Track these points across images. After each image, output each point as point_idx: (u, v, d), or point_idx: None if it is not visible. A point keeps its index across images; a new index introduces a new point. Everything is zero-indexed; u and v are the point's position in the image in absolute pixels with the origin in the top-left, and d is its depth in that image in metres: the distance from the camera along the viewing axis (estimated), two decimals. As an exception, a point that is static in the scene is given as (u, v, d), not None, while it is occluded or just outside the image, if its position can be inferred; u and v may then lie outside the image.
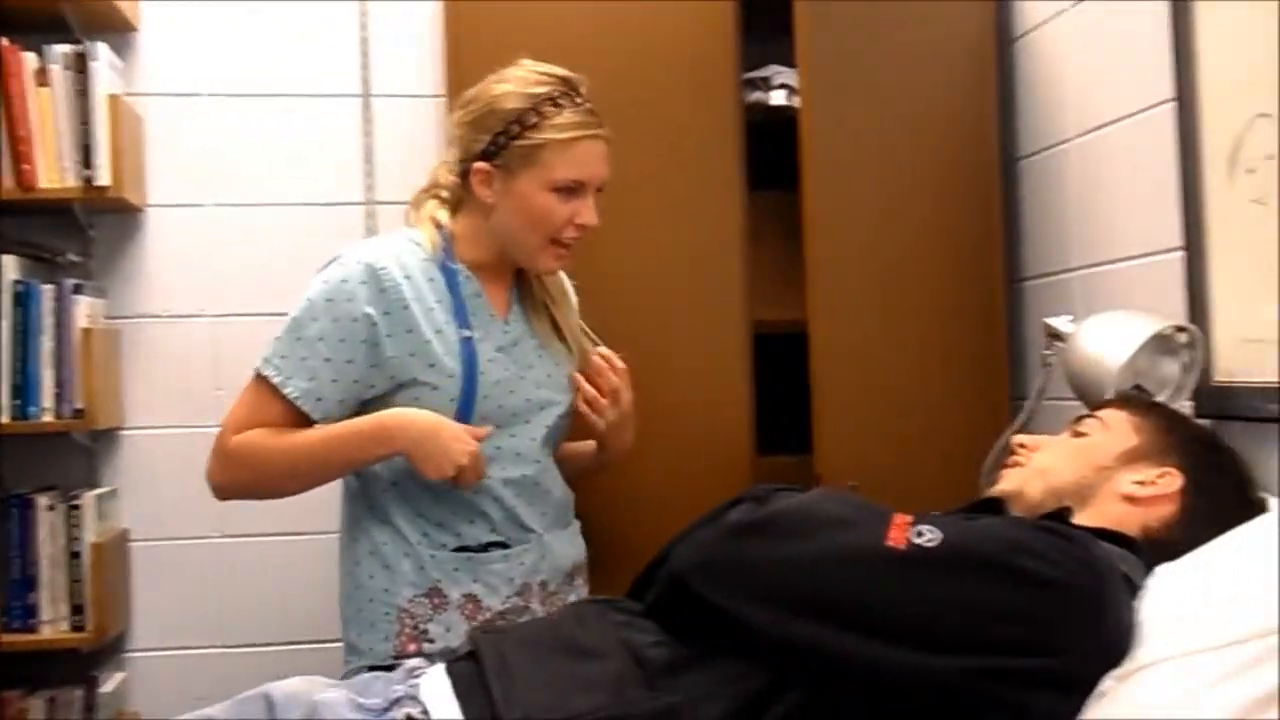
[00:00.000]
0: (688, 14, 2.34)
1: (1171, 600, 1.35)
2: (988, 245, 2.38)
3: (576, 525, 2.08)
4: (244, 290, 2.71)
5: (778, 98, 2.49)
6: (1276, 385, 1.72)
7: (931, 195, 2.36)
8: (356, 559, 1.94)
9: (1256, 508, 1.55)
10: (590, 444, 2.11)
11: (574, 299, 2.10)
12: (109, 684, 2.54)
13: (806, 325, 2.25)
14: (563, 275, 2.08)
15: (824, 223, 2.26)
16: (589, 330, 2.08)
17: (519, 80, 1.89)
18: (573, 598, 1.99)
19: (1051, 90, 2.37)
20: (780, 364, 2.36)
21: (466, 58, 2.27)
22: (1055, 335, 1.98)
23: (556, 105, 1.86)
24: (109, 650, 2.61)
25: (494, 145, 1.87)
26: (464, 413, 1.89)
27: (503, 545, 1.93)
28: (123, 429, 2.68)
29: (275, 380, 1.86)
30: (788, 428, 2.36)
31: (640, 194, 2.27)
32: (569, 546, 2.03)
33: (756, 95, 2.50)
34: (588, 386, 2.00)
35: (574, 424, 2.05)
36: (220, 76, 2.73)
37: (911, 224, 2.35)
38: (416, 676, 1.44)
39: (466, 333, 1.91)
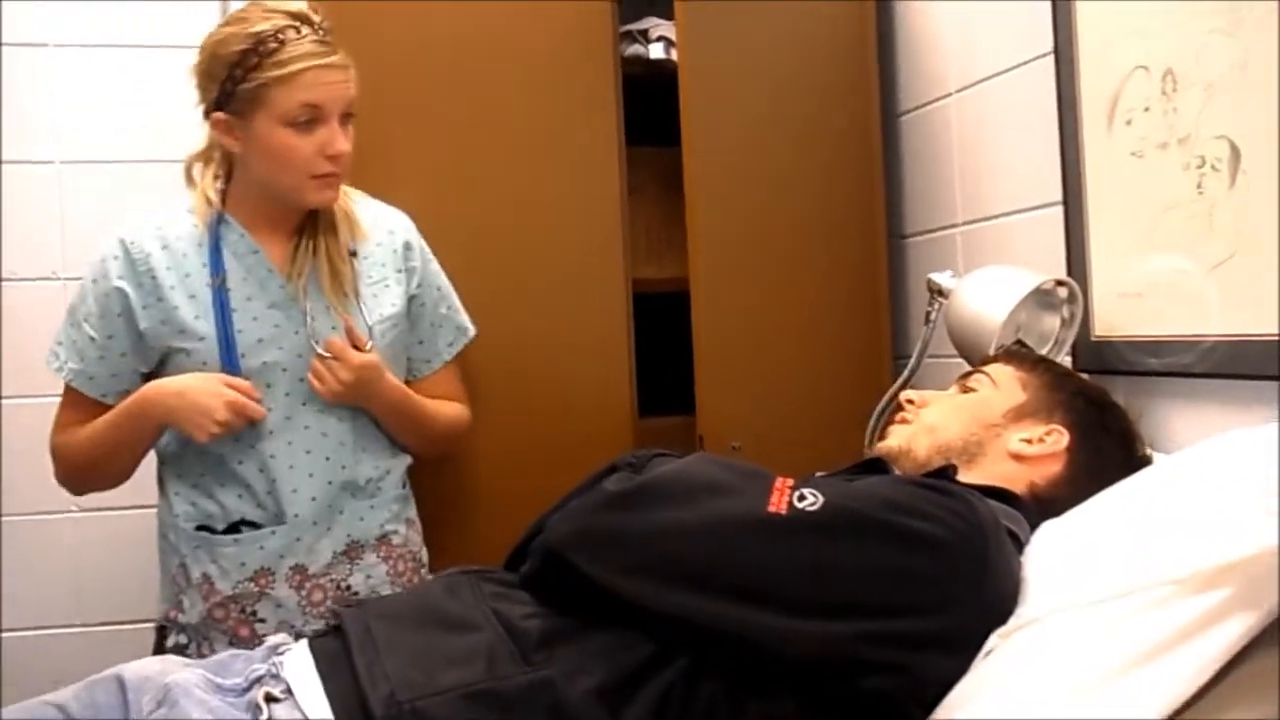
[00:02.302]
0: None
1: (1056, 556, 1.34)
2: (870, 202, 2.35)
3: (388, 496, 1.96)
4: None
5: (656, 50, 2.43)
6: (1153, 339, 1.72)
7: (813, 152, 2.32)
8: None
9: (1140, 463, 1.55)
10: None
11: (375, 251, 1.97)
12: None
13: (687, 284, 2.20)
14: (373, 224, 1.98)
15: (704, 180, 2.21)
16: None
17: (241, 21, 1.81)
18: (360, 576, 1.91)
19: (932, 45, 2.35)
20: (661, 323, 2.31)
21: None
22: (938, 291, 1.96)
23: (279, 41, 1.78)
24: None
25: (223, 93, 1.81)
26: (230, 371, 1.84)
27: (254, 525, 1.88)
28: None
29: (53, 366, 1.90)
30: (669, 389, 2.32)
31: (517, 151, 2.21)
32: (357, 522, 1.92)
33: (635, 48, 2.44)
34: (321, 354, 1.87)
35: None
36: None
37: (793, 181, 2.30)
38: (280, 654, 1.37)
39: (217, 279, 1.85)
